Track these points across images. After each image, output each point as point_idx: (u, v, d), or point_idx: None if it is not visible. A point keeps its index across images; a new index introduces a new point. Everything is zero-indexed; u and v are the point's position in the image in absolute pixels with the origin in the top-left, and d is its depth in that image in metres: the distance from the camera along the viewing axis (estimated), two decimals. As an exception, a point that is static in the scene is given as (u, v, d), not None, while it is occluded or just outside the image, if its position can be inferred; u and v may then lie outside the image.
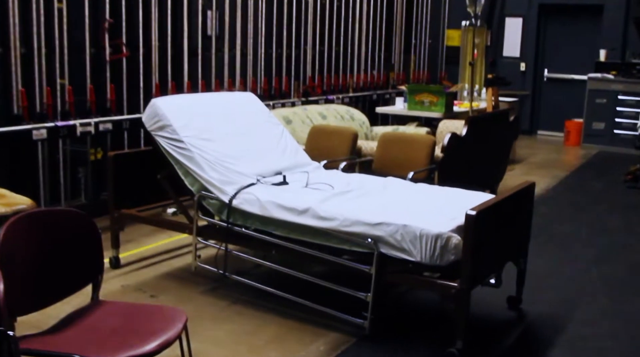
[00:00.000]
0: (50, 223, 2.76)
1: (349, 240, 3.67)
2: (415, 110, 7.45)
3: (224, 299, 4.22)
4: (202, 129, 4.38)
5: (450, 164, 5.21)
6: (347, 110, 6.92)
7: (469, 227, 3.35)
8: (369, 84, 9.37)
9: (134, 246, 5.19)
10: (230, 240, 4.16)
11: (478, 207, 3.44)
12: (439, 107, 7.26)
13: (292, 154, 4.78)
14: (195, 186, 4.23)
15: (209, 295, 4.29)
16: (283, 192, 4.07)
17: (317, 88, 8.38)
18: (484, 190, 6.60)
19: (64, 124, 5.43)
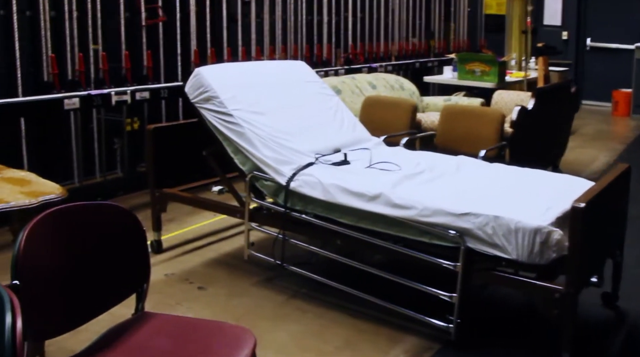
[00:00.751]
0: (83, 221, 2.15)
1: (430, 232, 3.03)
2: (466, 80, 6.73)
3: (281, 293, 3.60)
4: (252, 102, 3.73)
5: (521, 140, 4.52)
6: (396, 80, 6.22)
7: (577, 221, 2.69)
8: (410, 52, 8.63)
9: (176, 227, 4.59)
10: (287, 226, 3.52)
11: (584, 197, 2.77)
12: (491, 76, 6.54)
13: (350, 128, 4.11)
14: (246, 165, 3.59)
15: (264, 287, 3.68)
16: (347, 174, 3.42)
17: (360, 56, 7.67)
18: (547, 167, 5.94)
19: (97, 93, 4.81)
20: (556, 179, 3.50)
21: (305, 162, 3.53)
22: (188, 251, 4.19)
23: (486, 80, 6.58)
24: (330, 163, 3.59)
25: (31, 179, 2.74)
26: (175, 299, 3.53)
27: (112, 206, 2.27)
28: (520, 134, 4.49)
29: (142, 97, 5.10)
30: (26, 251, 1.93)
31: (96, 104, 4.84)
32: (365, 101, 4.85)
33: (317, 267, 3.62)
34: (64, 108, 4.60)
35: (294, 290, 3.62)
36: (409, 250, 3.10)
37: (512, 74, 7.30)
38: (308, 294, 3.56)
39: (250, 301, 3.52)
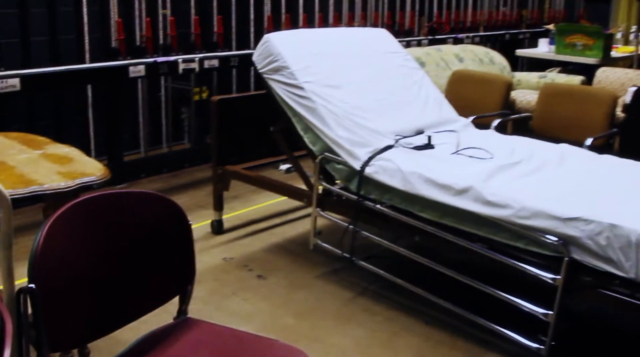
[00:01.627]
0: (116, 212, 1.79)
1: (527, 236, 2.54)
2: (565, 54, 6.06)
3: (348, 289, 3.19)
4: (326, 74, 3.29)
5: (635, 127, 3.92)
6: (486, 53, 5.64)
7: None
8: (500, 23, 7.96)
9: (240, 205, 4.24)
10: (359, 216, 3.09)
11: None
12: (595, 51, 5.86)
13: (435, 106, 3.62)
14: (317, 145, 3.17)
15: (329, 281, 3.27)
16: (431, 161, 2.95)
17: (445, 25, 7.08)
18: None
19: (164, 60, 4.46)
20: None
21: (383, 145, 3.08)
22: (250, 233, 3.83)
23: (588, 55, 5.91)
24: (411, 147, 3.13)
25: (73, 157, 2.40)
26: (232, 288, 3.17)
27: (152, 194, 1.90)
28: (634, 120, 3.88)
29: (211, 65, 4.72)
30: (46, 249, 1.61)
31: (162, 72, 4.50)
32: (453, 76, 4.33)
33: (390, 263, 3.18)
34: (129, 75, 4.27)
35: (363, 287, 3.21)
36: (500, 255, 2.63)
37: (618, 49, 6.56)
38: (378, 293, 3.14)
39: (312, 295, 3.12)
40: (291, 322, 2.89)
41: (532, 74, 5.76)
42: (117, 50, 4.39)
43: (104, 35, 4.52)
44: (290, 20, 5.43)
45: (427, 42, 6.61)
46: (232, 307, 3.00)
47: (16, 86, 3.73)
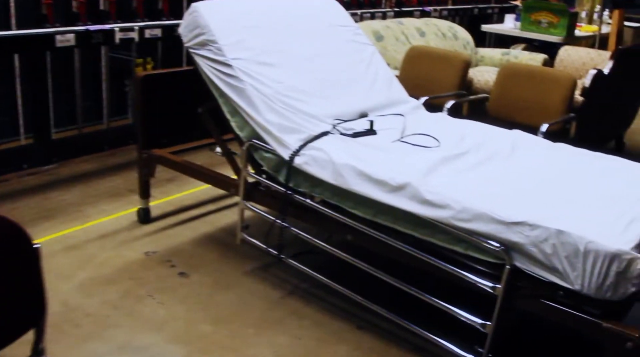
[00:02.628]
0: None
1: (467, 240, 2.23)
2: (530, 32, 5.73)
3: (277, 287, 2.88)
4: (261, 50, 2.92)
5: (593, 112, 3.62)
6: (449, 27, 5.30)
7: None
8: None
9: (175, 189, 3.89)
10: (289, 211, 2.76)
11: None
12: (559, 29, 5.53)
13: (383, 86, 3.27)
14: (245, 130, 2.82)
15: (257, 278, 2.95)
16: (368, 151, 2.61)
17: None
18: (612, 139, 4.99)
19: (98, 29, 4.04)
20: (638, 171, 2.63)
21: (318, 131, 2.73)
22: (180, 222, 3.47)
23: (553, 33, 5.58)
24: (351, 133, 2.79)
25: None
26: (148, 289, 2.82)
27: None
28: (593, 105, 3.58)
29: (153, 35, 4.31)
30: None
31: (96, 42, 4.08)
32: (409, 52, 3.98)
33: (323, 261, 2.85)
34: (55, 45, 3.86)
35: (294, 285, 2.89)
36: (436, 259, 2.31)
37: (582, 28, 6.24)
38: (309, 292, 2.83)
39: (237, 296, 2.80)
40: (208, 330, 2.57)
41: (496, 50, 5.45)
42: (45, 17, 3.97)
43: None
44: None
45: (392, 15, 6.23)
46: (145, 312, 2.67)
47: None
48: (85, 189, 3.82)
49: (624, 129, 5.12)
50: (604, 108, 3.86)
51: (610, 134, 4.31)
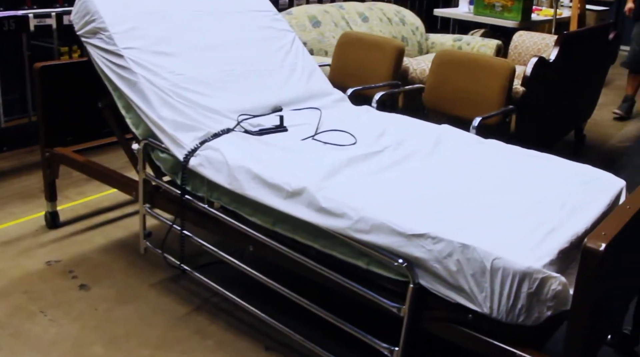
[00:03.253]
0: None
1: (368, 254, 1.95)
2: (484, 16, 5.46)
3: (184, 302, 2.59)
4: (159, 38, 2.61)
5: (535, 103, 3.35)
6: (397, 11, 5.00)
7: (589, 269, 1.57)
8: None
9: (92, 189, 3.56)
10: (187, 217, 2.47)
11: (605, 229, 1.64)
12: (513, 13, 5.25)
13: (303, 77, 2.98)
14: (140, 128, 2.52)
15: (165, 291, 2.66)
16: (271, 150, 2.32)
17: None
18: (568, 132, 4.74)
19: (9, 15, 3.71)
20: (571, 172, 2.36)
21: (220, 128, 2.44)
22: (92, 227, 3.17)
23: (507, 18, 5.31)
24: (256, 130, 2.49)
25: None
26: (41, 304, 2.52)
27: None
28: (535, 95, 3.31)
29: (74, 21, 3.98)
30: None
31: (8, 29, 3.75)
32: (340, 39, 3.68)
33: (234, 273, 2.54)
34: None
35: (203, 299, 2.60)
36: (337, 275, 2.04)
37: (541, 12, 5.98)
38: (219, 307, 2.55)
39: (138, 313, 2.50)
40: (98, 353, 2.27)
41: (447, 36, 5.16)
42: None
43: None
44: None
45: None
46: (33, 331, 2.37)
47: None
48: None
49: (582, 121, 4.87)
50: (549, 99, 3.60)
51: (560, 127, 4.05)
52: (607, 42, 4.50)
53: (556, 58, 3.52)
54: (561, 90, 3.77)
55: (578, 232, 1.89)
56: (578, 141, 4.86)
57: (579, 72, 4.01)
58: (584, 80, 4.19)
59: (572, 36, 3.73)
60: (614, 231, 1.62)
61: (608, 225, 1.66)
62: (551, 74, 3.52)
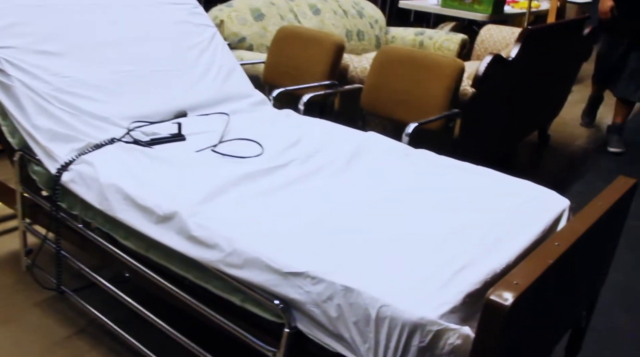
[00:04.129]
0: None
1: (242, 291, 1.69)
2: (452, 8, 5.19)
3: (67, 324, 2.34)
4: (43, 35, 2.34)
5: (485, 106, 3.09)
6: (355, 3, 4.73)
7: (490, 329, 1.31)
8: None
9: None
10: (63, 235, 2.21)
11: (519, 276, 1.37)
12: (484, 5, 4.99)
13: (218, 78, 2.72)
14: (16, 137, 2.25)
15: (49, 311, 2.41)
16: (155, 164, 2.06)
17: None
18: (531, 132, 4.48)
19: None
20: (508, 190, 2.10)
21: (104, 138, 2.18)
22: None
23: (477, 10, 5.04)
24: (147, 140, 2.23)
25: None
26: None
27: None
28: (486, 97, 3.05)
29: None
30: None
31: None
32: (277, 34, 3.41)
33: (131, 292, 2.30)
34: None
35: (90, 319, 2.35)
36: (210, 311, 1.78)
37: (516, 4, 5.70)
38: (104, 329, 2.29)
39: (12, 336, 2.25)
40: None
41: (409, 29, 4.90)
42: None
43: None
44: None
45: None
46: None
47: None
48: None
49: (547, 121, 4.62)
50: (505, 101, 3.33)
51: (516, 131, 3.78)
52: (581, 38, 4.24)
53: (517, 56, 3.25)
54: (521, 91, 3.51)
55: (496, 270, 1.63)
56: (542, 142, 4.62)
57: (545, 70, 3.75)
58: (550, 79, 3.93)
59: (537, 31, 3.46)
60: (529, 279, 1.35)
61: (524, 269, 1.40)
62: (510, 74, 3.26)
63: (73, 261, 2.21)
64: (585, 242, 1.63)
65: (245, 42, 3.83)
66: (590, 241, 1.69)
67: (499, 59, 3.15)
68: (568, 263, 1.55)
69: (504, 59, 3.23)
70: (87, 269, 2.20)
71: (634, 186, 1.92)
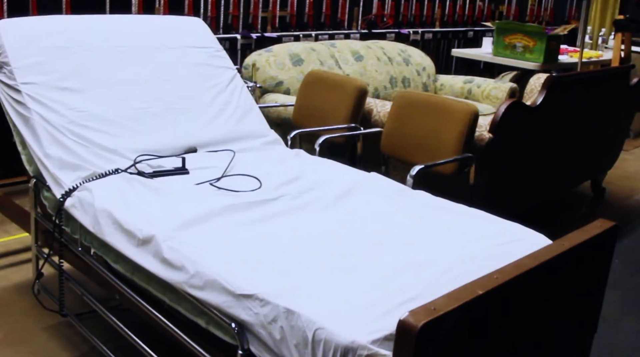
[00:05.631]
0: None
1: (206, 313, 1.84)
2: (503, 57, 5.28)
3: (70, 347, 2.58)
4: (65, 73, 2.62)
5: (503, 153, 3.16)
6: (401, 50, 4.90)
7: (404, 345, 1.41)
8: (467, 18, 7.14)
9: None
10: (67, 258, 2.44)
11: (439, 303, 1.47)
12: (535, 54, 5.05)
13: (232, 118, 2.92)
14: (32, 165, 2.52)
15: (58, 334, 2.65)
16: (148, 194, 2.26)
17: (388, 18, 6.32)
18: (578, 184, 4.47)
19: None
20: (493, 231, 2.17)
21: (109, 168, 2.41)
22: (14, 264, 3.19)
23: (529, 59, 5.11)
24: (150, 172, 2.44)
25: None
26: None
27: None
28: (503, 144, 3.12)
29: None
30: None
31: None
32: (306, 77, 3.61)
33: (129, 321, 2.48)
34: None
35: (91, 346, 2.54)
36: (178, 331, 1.93)
37: (573, 54, 5.72)
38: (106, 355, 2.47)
39: (19, 356, 2.47)
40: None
41: (458, 77, 5.02)
42: None
43: None
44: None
45: (358, 37, 5.88)
46: None
47: None
48: None
49: (598, 174, 4.59)
50: (531, 149, 3.38)
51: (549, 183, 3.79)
52: (627, 87, 4.24)
53: (542, 103, 3.33)
54: (551, 141, 3.55)
55: (446, 302, 1.72)
56: (596, 195, 4.58)
57: (580, 120, 3.77)
58: (590, 129, 3.94)
59: (564, 79, 3.52)
60: (448, 306, 1.45)
61: (449, 297, 1.50)
62: (533, 121, 3.33)
63: (76, 286, 2.41)
64: (536, 280, 1.69)
65: (282, 86, 4.05)
66: (546, 281, 1.75)
67: (518, 105, 3.23)
68: (509, 297, 1.62)
69: (525, 105, 3.31)
70: (88, 295, 2.40)
71: (612, 229, 1.95)
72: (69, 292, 2.56)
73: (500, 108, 3.13)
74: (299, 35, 5.42)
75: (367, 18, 6.14)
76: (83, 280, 2.47)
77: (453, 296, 1.49)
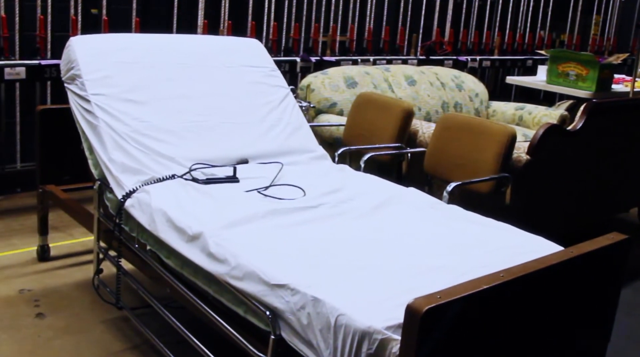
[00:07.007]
0: None
1: (244, 302, 2.09)
2: (557, 85, 5.42)
3: (123, 339, 2.85)
4: (131, 86, 2.94)
5: (541, 174, 3.33)
6: (455, 76, 5.10)
7: (409, 333, 1.62)
8: (526, 46, 7.28)
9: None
10: (125, 255, 2.73)
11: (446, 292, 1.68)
12: (588, 83, 5.18)
13: (283, 133, 3.19)
14: (97, 169, 2.83)
15: (112, 327, 2.94)
16: (200, 198, 2.54)
17: (447, 45, 6.53)
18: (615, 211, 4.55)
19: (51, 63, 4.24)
20: (515, 242, 2.35)
21: (166, 174, 2.70)
22: (79, 264, 3.51)
23: (581, 88, 5.23)
24: (203, 179, 2.72)
25: None
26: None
27: None
28: (540, 166, 3.29)
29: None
30: None
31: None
32: (357, 99, 3.86)
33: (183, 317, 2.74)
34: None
35: (144, 339, 2.82)
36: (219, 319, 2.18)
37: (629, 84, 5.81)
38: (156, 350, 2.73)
39: (75, 344, 2.77)
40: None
41: (510, 104, 5.19)
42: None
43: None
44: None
45: (415, 63, 6.11)
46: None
47: None
48: (10, 223, 3.97)
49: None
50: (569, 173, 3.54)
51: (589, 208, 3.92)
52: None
53: (581, 128, 3.49)
54: (592, 165, 3.69)
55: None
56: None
57: (624, 146, 3.90)
58: (634, 155, 4.06)
59: (604, 105, 3.67)
60: (451, 296, 1.66)
61: (455, 288, 1.70)
62: (572, 145, 3.49)
63: (133, 281, 2.70)
64: (542, 283, 1.88)
65: (336, 107, 4.30)
66: (553, 286, 1.93)
67: (556, 129, 3.40)
68: (513, 295, 1.81)
69: (563, 129, 3.48)
70: (143, 289, 2.68)
71: (623, 242, 2.11)
72: (125, 290, 2.86)
73: (539, 131, 3.31)
74: (357, 60, 5.69)
75: (426, 44, 6.37)
76: (139, 278, 2.75)
77: (458, 288, 1.69)
